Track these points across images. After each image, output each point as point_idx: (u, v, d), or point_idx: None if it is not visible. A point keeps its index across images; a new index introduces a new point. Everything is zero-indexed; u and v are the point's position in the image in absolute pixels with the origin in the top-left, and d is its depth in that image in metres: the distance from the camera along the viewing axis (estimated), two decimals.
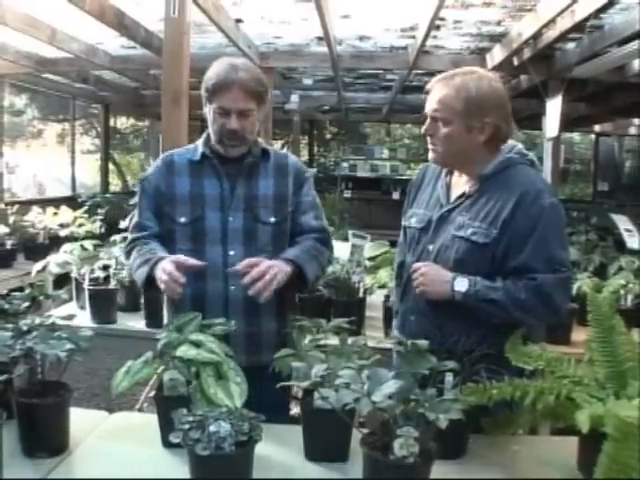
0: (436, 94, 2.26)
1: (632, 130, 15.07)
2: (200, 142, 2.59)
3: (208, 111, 2.49)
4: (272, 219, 2.53)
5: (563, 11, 5.24)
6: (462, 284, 2.17)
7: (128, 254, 2.59)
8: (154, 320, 3.63)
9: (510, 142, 2.36)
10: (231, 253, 2.48)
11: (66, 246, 4.43)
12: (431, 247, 2.32)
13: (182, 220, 2.50)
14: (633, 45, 5.96)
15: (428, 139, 2.33)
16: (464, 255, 2.22)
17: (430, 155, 2.35)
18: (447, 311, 2.22)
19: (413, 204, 2.50)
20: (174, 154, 2.63)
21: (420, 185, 2.51)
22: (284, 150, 18.86)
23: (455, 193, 2.35)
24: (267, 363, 2.14)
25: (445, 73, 2.30)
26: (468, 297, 2.16)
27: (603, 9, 5.27)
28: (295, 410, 3.16)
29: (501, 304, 2.14)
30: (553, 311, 2.20)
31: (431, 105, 2.28)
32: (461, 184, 2.35)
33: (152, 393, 2.24)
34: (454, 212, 2.30)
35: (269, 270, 2.29)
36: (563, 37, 6.22)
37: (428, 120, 2.30)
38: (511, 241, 2.17)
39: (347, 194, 14.63)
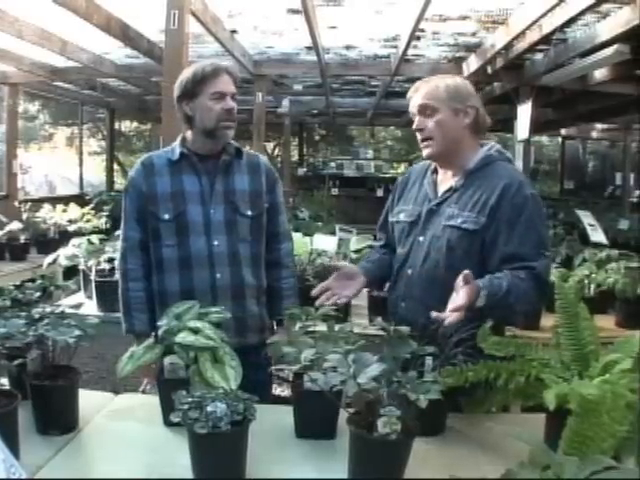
0: (418, 96, 2.30)
1: (594, 134, 15.17)
2: (177, 143, 2.57)
3: (194, 106, 2.47)
4: (249, 212, 2.54)
5: (531, 25, 5.27)
6: (480, 300, 2.01)
7: (123, 263, 2.58)
8: None
9: (489, 142, 2.38)
10: (215, 243, 2.48)
11: (74, 240, 4.42)
12: (422, 239, 2.33)
13: (166, 217, 2.48)
14: (593, 57, 5.99)
15: (419, 136, 2.33)
16: (455, 242, 2.23)
17: (425, 152, 2.34)
18: (435, 297, 2.21)
19: (399, 202, 2.49)
20: (153, 156, 2.61)
21: (406, 184, 2.51)
22: (276, 150, 18.89)
23: (442, 189, 2.35)
24: (252, 343, 2.13)
25: (418, 82, 2.34)
26: (484, 309, 2.03)
27: (567, 24, 5.32)
28: (279, 390, 3.15)
29: (514, 306, 2.14)
30: (546, 295, 2.22)
31: (417, 101, 2.30)
32: (447, 180, 2.35)
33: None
34: (443, 205, 2.31)
35: None
36: (532, 48, 6.24)
37: (417, 117, 2.31)
38: (499, 227, 2.18)
39: (334, 192, 14.63)
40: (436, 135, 2.28)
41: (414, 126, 2.34)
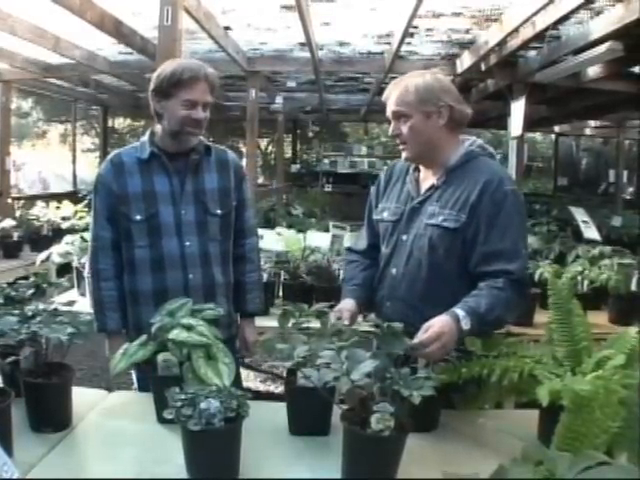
0: (392, 98, 2.28)
1: (587, 131, 15.21)
2: (146, 139, 2.54)
3: (165, 106, 2.42)
4: (219, 211, 2.54)
5: (525, 22, 5.28)
6: (466, 322, 1.99)
7: (94, 263, 2.56)
8: None
9: (471, 138, 2.36)
10: (187, 244, 2.48)
11: (68, 237, 4.40)
12: (405, 237, 2.31)
13: (137, 218, 2.46)
14: (587, 54, 6.01)
15: (397, 140, 2.32)
16: (437, 241, 2.21)
17: (403, 155, 2.33)
18: (420, 296, 2.23)
19: (382, 199, 2.47)
20: (122, 154, 2.56)
21: (388, 182, 2.48)
22: (270, 147, 18.80)
23: (424, 187, 2.33)
24: (222, 338, 2.12)
25: (390, 84, 2.32)
26: (473, 330, 2.02)
27: (560, 21, 5.33)
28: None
29: (502, 317, 2.18)
30: (528, 295, 2.22)
31: (390, 108, 2.28)
32: (429, 178, 2.33)
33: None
34: (425, 203, 2.29)
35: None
36: (525, 45, 6.25)
37: (392, 122, 2.30)
38: (479, 224, 2.16)
39: (328, 188, 14.68)
40: (409, 140, 2.26)
41: (389, 131, 2.34)
